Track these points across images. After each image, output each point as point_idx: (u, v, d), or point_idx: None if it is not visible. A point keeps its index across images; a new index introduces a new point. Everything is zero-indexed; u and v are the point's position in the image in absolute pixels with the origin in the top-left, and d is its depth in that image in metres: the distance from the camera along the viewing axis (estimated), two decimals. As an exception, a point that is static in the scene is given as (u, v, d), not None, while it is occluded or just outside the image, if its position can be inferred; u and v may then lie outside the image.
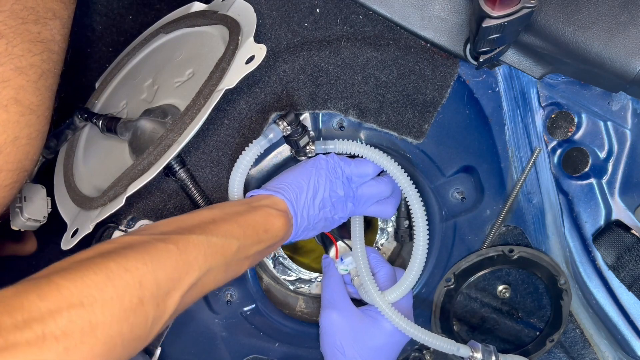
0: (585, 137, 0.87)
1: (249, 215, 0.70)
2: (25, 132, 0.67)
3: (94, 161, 0.85)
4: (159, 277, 0.55)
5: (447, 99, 0.86)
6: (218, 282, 0.65)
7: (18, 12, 0.68)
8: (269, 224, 0.71)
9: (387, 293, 0.85)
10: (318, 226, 0.80)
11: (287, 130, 0.78)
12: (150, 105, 0.83)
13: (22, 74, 0.67)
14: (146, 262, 0.54)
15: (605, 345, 0.97)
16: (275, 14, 0.83)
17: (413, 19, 0.83)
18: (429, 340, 0.84)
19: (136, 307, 0.52)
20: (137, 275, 0.53)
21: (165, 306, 0.56)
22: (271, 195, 0.76)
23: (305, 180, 0.78)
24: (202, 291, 0.63)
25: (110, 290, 0.50)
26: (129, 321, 0.51)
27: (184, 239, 0.60)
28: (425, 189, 0.90)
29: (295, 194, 0.77)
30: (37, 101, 0.68)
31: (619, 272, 0.88)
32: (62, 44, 0.75)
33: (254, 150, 0.79)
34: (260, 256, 0.73)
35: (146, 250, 0.56)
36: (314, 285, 0.98)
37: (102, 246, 0.56)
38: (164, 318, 0.56)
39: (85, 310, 0.48)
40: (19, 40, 0.67)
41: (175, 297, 0.57)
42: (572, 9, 0.72)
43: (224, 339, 0.89)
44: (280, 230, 0.72)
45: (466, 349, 0.85)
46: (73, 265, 0.51)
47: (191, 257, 0.59)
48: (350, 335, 0.84)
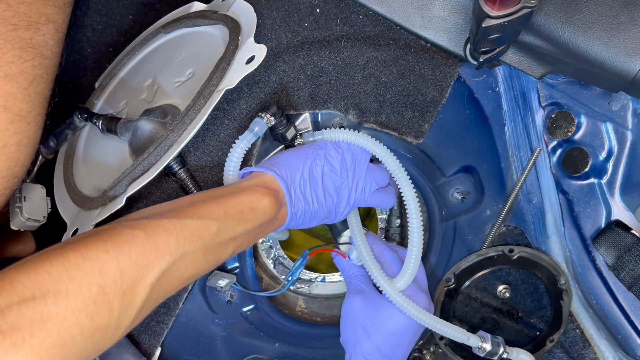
0: (586, 137, 0.86)
1: (232, 195, 0.67)
2: (14, 139, 0.67)
3: (94, 161, 0.85)
4: (122, 264, 0.53)
5: (447, 99, 0.86)
6: (198, 267, 0.62)
7: (9, 19, 0.68)
8: (255, 202, 0.67)
9: (396, 281, 0.84)
10: (320, 213, 0.77)
11: (271, 121, 0.77)
12: (150, 105, 0.83)
13: (11, 81, 0.67)
14: (107, 250, 0.53)
15: (605, 345, 0.97)
16: (275, 14, 0.83)
17: (413, 19, 0.83)
18: (438, 327, 0.84)
19: (96, 297, 0.51)
20: (96, 263, 0.52)
21: (133, 295, 0.54)
22: (262, 173, 0.72)
23: (302, 158, 0.75)
24: (180, 278, 0.60)
25: (66, 281, 0.49)
26: (87, 311, 0.50)
27: (153, 223, 0.58)
28: (425, 189, 0.90)
29: (288, 171, 0.73)
30: (28, 108, 0.68)
31: (619, 272, 0.88)
32: (55, 48, 0.74)
33: (242, 145, 0.77)
34: (251, 238, 0.69)
35: (109, 236, 0.54)
36: (314, 285, 0.98)
37: (69, 239, 0.55)
38: (133, 307, 0.54)
39: (37, 302, 0.47)
40: (9, 47, 0.67)
41: (145, 284, 0.55)
42: (572, 9, 0.72)
43: (224, 339, 0.89)
44: (269, 209, 0.68)
45: (476, 338, 0.86)
46: (32, 258, 0.51)
47: (160, 242, 0.57)
48: (375, 319, 0.83)
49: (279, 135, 0.80)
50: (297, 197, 0.73)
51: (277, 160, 0.75)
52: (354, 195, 0.79)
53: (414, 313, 0.82)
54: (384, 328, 0.82)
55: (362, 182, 0.80)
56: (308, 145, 0.79)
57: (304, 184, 0.74)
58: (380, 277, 0.83)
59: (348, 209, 0.80)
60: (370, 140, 0.80)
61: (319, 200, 0.76)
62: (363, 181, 0.80)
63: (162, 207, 0.63)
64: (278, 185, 0.72)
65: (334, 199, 0.77)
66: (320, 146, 0.78)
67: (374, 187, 0.81)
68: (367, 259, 0.84)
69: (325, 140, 0.80)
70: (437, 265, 0.93)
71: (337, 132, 0.80)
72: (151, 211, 0.62)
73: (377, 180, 0.81)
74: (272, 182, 0.72)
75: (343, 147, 0.79)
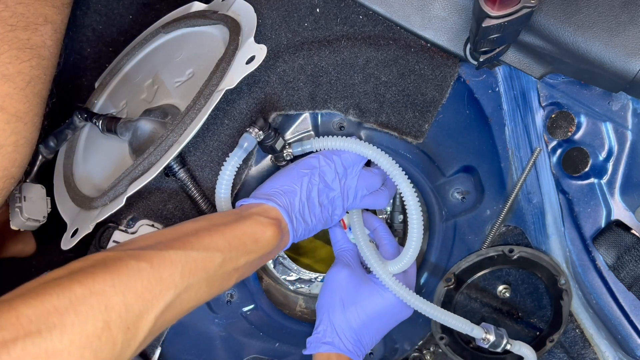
0: (585, 137, 0.87)
1: (236, 225, 0.67)
2: (11, 139, 0.67)
3: (94, 161, 0.85)
4: (128, 299, 0.52)
5: (447, 99, 0.86)
6: (201, 299, 0.62)
7: (6, 19, 0.68)
8: (259, 233, 0.68)
9: (391, 264, 0.84)
10: (318, 227, 0.79)
11: (260, 135, 0.78)
12: (150, 105, 0.83)
13: (8, 82, 0.67)
14: (114, 284, 0.52)
15: (605, 345, 0.97)
16: (275, 14, 0.83)
17: (413, 19, 0.83)
18: (440, 317, 0.84)
19: (101, 333, 0.50)
20: (103, 298, 0.51)
21: (136, 329, 0.53)
22: (262, 203, 0.73)
23: (298, 183, 0.76)
24: (182, 309, 0.59)
25: (72, 316, 0.48)
26: (92, 347, 0.49)
27: (159, 255, 0.57)
28: (425, 189, 0.90)
29: (288, 199, 0.74)
30: (25, 108, 0.68)
31: (619, 272, 0.88)
32: (53, 49, 0.74)
33: (233, 162, 0.77)
34: (253, 267, 0.70)
35: (116, 269, 0.53)
36: (314, 285, 0.98)
37: (75, 264, 0.54)
38: (136, 341, 0.53)
39: (43, 338, 0.46)
40: (6, 47, 0.67)
41: (149, 319, 0.54)
42: (572, 9, 0.72)
43: (224, 339, 0.89)
44: (272, 239, 0.69)
45: (479, 329, 0.85)
46: (38, 288, 0.49)
47: (166, 275, 0.56)
48: (354, 294, 0.83)
49: (268, 147, 0.80)
50: (298, 221, 0.75)
51: (274, 188, 0.75)
52: (346, 203, 0.81)
53: (408, 298, 0.82)
54: (361, 305, 0.83)
55: (352, 190, 0.81)
56: (301, 165, 0.79)
57: (303, 209, 0.75)
58: (372, 258, 0.83)
59: (342, 214, 0.82)
60: (359, 144, 0.80)
61: (317, 218, 0.77)
62: (354, 189, 0.81)
63: (167, 235, 0.62)
64: (279, 213, 0.72)
65: (329, 209, 0.79)
66: (312, 164, 0.78)
67: (364, 192, 0.83)
68: (360, 239, 0.85)
69: (316, 152, 0.81)
70: (437, 265, 0.93)
71: (326, 140, 0.80)
72: (156, 239, 0.61)
73: (367, 185, 0.83)
74: (272, 211, 0.72)
75: (334, 159, 0.80)
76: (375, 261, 0.83)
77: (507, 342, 0.86)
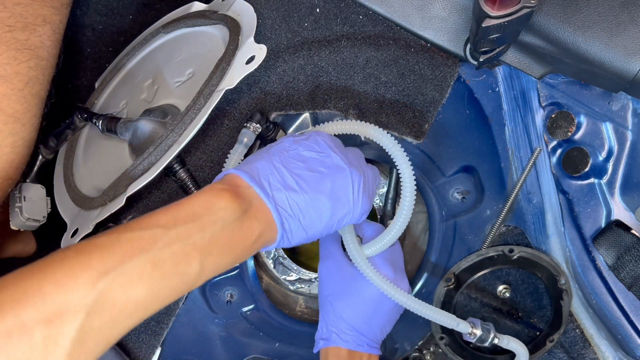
0: (585, 137, 0.86)
1: (186, 200, 0.60)
2: (8, 140, 0.67)
3: (94, 161, 0.85)
4: (45, 290, 0.47)
5: (447, 99, 0.86)
6: (154, 286, 0.53)
7: (4, 20, 0.68)
8: (211, 201, 0.59)
9: (365, 247, 0.80)
10: (321, 199, 0.66)
11: (258, 129, 0.78)
12: (150, 105, 0.83)
13: (6, 82, 0.67)
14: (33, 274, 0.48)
15: (605, 345, 0.97)
16: (275, 14, 0.83)
17: (413, 19, 0.83)
18: (420, 309, 0.80)
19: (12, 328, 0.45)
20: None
21: (61, 322, 0.47)
22: (225, 175, 0.65)
23: (266, 149, 0.69)
24: (130, 299, 0.51)
25: None
26: (2, 349, 0.44)
27: (88, 242, 0.52)
28: (425, 189, 0.90)
29: (253, 165, 0.65)
30: (22, 109, 0.68)
31: (619, 272, 0.88)
32: (52, 49, 0.74)
33: (234, 158, 0.77)
34: (223, 247, 0.59)
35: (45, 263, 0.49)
36: (314, 285, 0.98)
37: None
38: (65, 336, 0.47)
39: None
40: (4, 48, 0.67)
41: (76, 310, 0.48)
42: (572, 8, 0.72)
43: (224, 339, 0.89)
44: (229, 203, 0.60)
45: (466, 324, 0.84)
46: None
47: (95, 260, 0.50)
48: (339, 286, 0.82)
49: (269, 140, 0.80)
50: (273, 187, 0.64)
51: (245, 161, 0.69)
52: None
53: (379, 282, 0.78)
54: (345, 296, 0.82)
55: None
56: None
57: (276, 171, 0.65)
58: (351, 240, 0.79)
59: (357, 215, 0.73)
60: (359, 124, 0.75)
61: (308, 183, 0.65)
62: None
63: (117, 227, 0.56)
64: (235, 177, 0.64)
65: (332, 177, 0.68)
66: (288, 137, 0.71)
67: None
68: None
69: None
70: (437, 265, 0.93)
71: (324, 126, 0.77)
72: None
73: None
74: (228, 178, 0.64)
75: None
76: (352, 245, 0.79)
77: (495, 336, 0.84)
